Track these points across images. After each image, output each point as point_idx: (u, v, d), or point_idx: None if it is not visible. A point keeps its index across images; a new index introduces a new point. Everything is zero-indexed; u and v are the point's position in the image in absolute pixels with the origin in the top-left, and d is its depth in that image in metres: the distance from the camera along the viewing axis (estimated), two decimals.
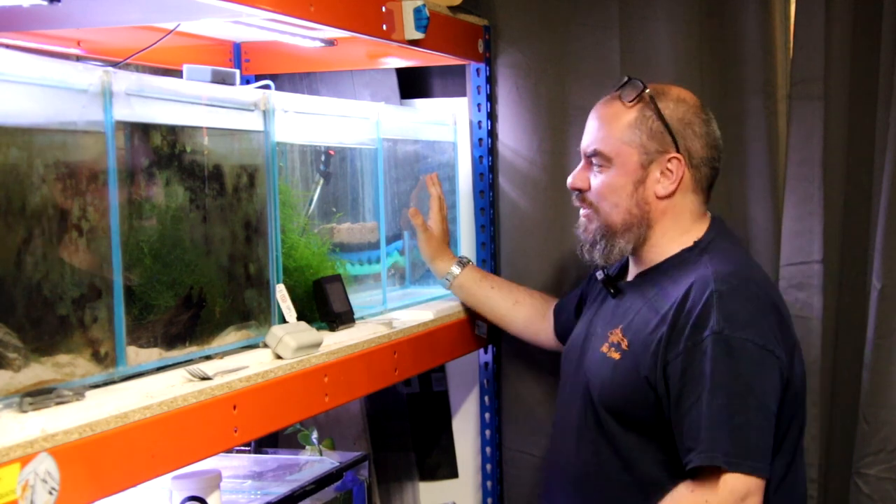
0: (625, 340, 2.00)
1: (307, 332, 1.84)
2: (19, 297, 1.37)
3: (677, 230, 2.06)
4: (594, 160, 2.08)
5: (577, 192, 2.13)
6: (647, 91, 2.04)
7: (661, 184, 2.03)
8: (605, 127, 2.06)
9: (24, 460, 1.22)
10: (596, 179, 2.08)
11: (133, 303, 1.59)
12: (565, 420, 2.14)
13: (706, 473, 1.85)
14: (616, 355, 2.00)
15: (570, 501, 2.09)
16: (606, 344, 2.03)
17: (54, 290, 1.42)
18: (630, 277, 2.15)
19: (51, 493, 1.25)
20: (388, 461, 2.85)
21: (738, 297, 1.91)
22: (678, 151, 2.02)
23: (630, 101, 2.04)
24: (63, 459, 1.27)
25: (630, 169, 2.03)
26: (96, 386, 1.49)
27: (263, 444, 2.49)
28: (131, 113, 1.56)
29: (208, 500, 1.87)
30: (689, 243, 2.05)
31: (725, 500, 1.83)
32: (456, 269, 2.44)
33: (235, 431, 1.60)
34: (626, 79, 2.09)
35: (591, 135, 2.09)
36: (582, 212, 2.14)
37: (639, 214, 2.04)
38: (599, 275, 2.18)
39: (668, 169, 2.02)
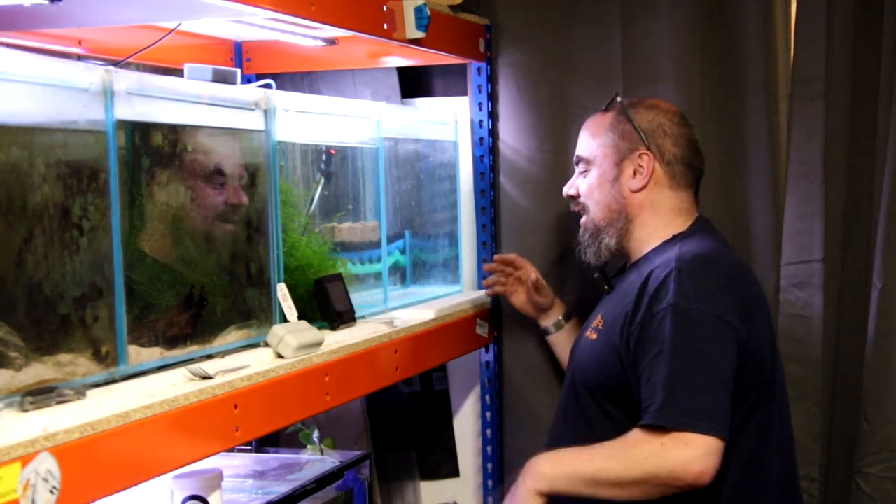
0: (602, 322, 2.14)
1: (308, 331, 1.84)
2: (20, 296, 1.37)
3: (656, 224, 2.19)
4: (579, 166, 2.27)
5: (572, 200, 2.30)
6: (619, 99, 2.23)
7: (634, 179, 2.19)
8: (586, 136, 2.27)
9: (26, 459, 1.22)
10: (582, 183, 2.26)
11: (134, 302, 1.59)
12: (559, 404, 2.28)
13: (663, 431, 1.92)
14: (594, 336, 2.14)
15: None
16: (591, 329, 2.17)
17: (55, 290, 1.42)
18: (621, 273, 2.29)
19: (52, 492, 1.25)
20: (389, 460, 2.85)
21: (697, 274, 2.03)
22: (648, 149, 2.18)
23: (605, 110, 2.25)
24: (64, 459, 1.27)
25: (606, 168, 2.21)
26: (97, 385, 1.49)
27: (264, 443, 2.49)
28: (132, 112, 1.57)
29: (209, 500, 1.87)
30: (669, 236, 2.18)
31: (682, 456, 1.88)
32: (562, 319, 2.50)
33: (236, 430, 1.60)
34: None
35: (578, 144, 2.29)
36: (581, 220, 2.28)
37: (617, 209, 2.20)
38: (595, 274, 2.30)
39: (639, 165, 2.19)
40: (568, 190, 2.29)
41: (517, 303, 2.53)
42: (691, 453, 1.88)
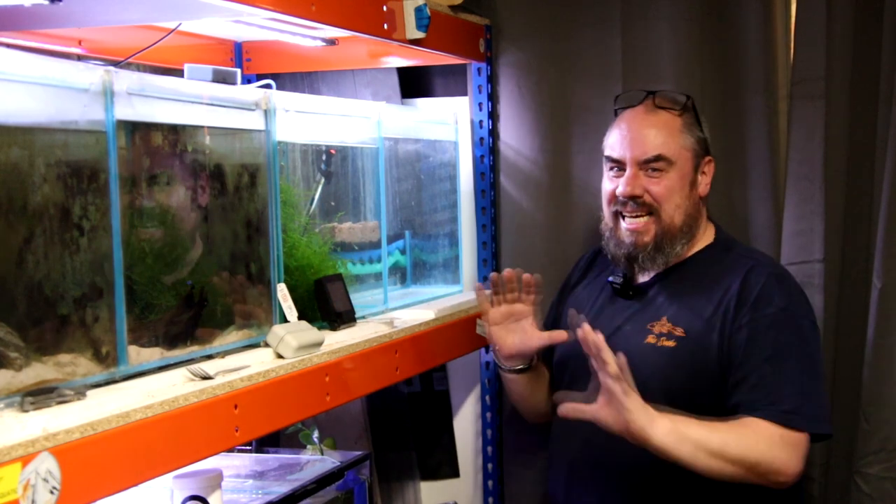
0: (677, 329, 2.10)
1: (308, 332, 1.84)
2: (21, 296, 1.37)
3: (701, 230, 2.22)
4: (654, 165, 2.15)
5: (629, 200, 2.16)
6: (691, 100, 2.20)
7: (702, 185, 2.20)
8: (662, 133, 2.16)
9: (26, 460, 1.22)
10: (657, 183, 2.15)
11: (134, 302, 1.59)
12: None
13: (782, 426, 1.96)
14: (670, 343, 2.09)
15: (613, 494, 2.13)
16: (652, 336, 2.12)
17: (56, 290, 1.42)
18: (644, 278, 2.23)
19: (52, 492, 1.25)
20: (390, 460, 2.85)
21: (791, 280, 2.13)
22: (711, 155, 2.21)
23: (678, 110, 2.18)
24: (64, 459, 1.27)
25: (687, 171, 2.17)
26: (98, 385, 1.50)
27: (265, 443, 2.49)
28: (133, 112, 1.57)
29: (209, 500, 1.87)
30: (709, 240, 2.20)
31: (790, 455, 1.96)
32: (530, 363, 2.30)
33: (237, 431, 1.60)
34: (646, 92, 2.22)
35: (648, 142, 2.16)
36: (638, 220, 2.17)
37: (693, 214, 2.18)
38: (613, 279, 2.26)
39: (704, 172, 2.20)
40: (633, 190, 2.14)
41: (499, 337, 2.23)
42: (797, 454, 1.95)
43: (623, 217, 2.18)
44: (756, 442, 1.94)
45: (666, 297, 2.17)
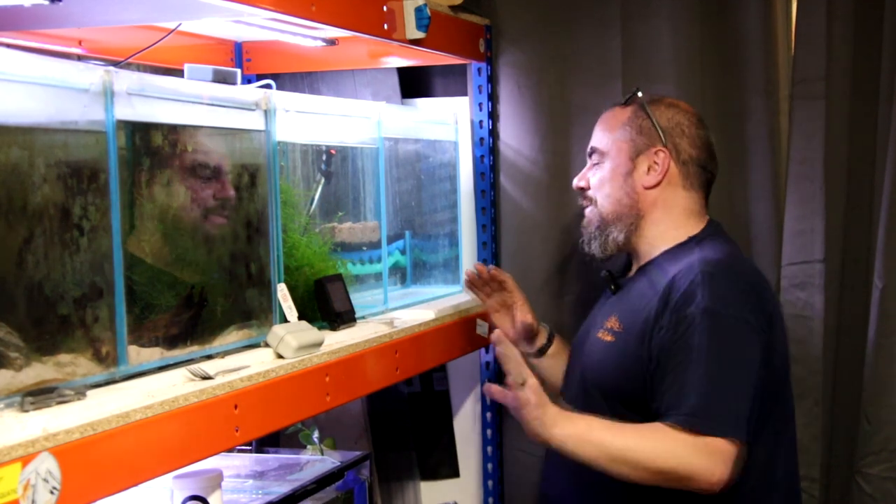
0: (618, 324, 2.10)
1: (308, 332, 1.84)
2: (21, 296, 1.37)
3: (668, 223, 2.16)
4: (593, 158, 2.23)
5: (581, 192, 2.26)
6: (640, 94, 2.20)
7: (648, 175, 2.16)
8: (602, 128, 2.23)
9: (26, 460, 1.22)
10: (593, 175, 2.22)
11: (134, 302, 1.59)
12: (564, 404, 2.19)
13: (694, 433, 1.90)
14: (609, 338, 2.10)
15: (565, 486, 2.16)
16: (603, 330, 2.13)
17: (55, 290, 1.42)
18: (630, 274, 2.24)
19: (52, 492, 1.25)
20: (390, 460, 2.85)
21: (723, 277, 2.01)
22: (664, 146, 2.15)
23: (623, 104, 2.21)
24: (64, 459, 1.27)
25: (620, 161, 2.18)
26: (98, 385, 1.49)
27: (265, 443, 2.49)
28: (133, 112, 1.57)
29: (209, 500, 1.87)
30: (683, 238, 2.15)
31: (707, 462, 1.88)
32: (546, 343, 2.41)
33: (237, 431, 1.60)
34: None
35: (592, 137, 2.25)
36: (586, 211, 2.25)
37: (628, 204, 2.17)
38: (602, 273, 2.26)
39: (654, 162, 2.16)
40: (578, 182, 2.25)
41: (498, 323, 2.40)
42: (715, 460, 1.88)
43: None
44: (666, 448, 1.89)
45: (629, 293, 2.17)
